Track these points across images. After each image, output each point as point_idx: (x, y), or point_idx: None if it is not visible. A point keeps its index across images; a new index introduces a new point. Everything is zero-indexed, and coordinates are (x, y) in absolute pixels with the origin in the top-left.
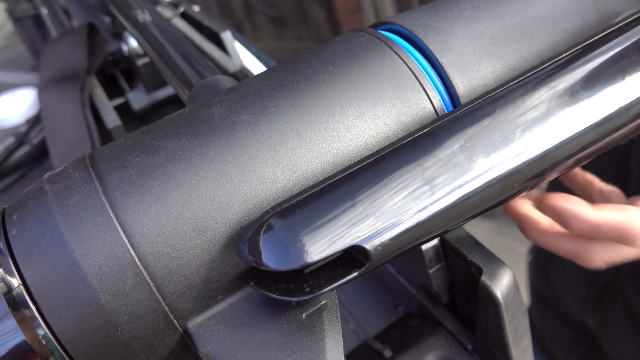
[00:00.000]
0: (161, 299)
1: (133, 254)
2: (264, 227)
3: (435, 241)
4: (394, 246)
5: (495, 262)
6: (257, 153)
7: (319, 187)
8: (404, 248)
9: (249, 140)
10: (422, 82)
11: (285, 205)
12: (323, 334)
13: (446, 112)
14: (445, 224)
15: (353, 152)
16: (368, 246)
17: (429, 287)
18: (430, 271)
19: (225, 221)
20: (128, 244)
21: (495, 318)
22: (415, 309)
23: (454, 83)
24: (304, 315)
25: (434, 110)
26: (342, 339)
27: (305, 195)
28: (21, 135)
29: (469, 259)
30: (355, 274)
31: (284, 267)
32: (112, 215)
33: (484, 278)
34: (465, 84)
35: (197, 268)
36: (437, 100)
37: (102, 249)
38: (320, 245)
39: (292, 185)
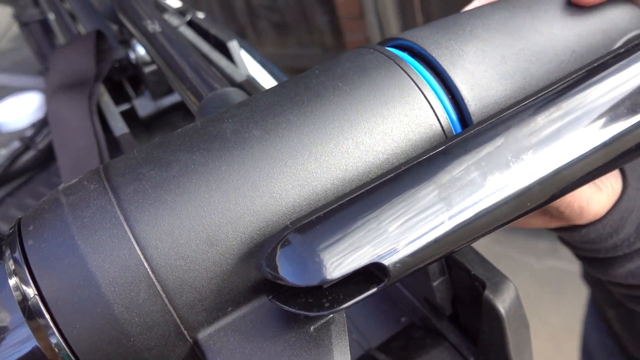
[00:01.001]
0: (173, 311)
1: (147, 266)
2: (284, 242)
3: None
4: (412, 263)
5: (499, 276)
6: (268, 168)
7: (339, 203)
8: (422, 264)
9: (260, 155)
10: (429, 99)
11: (305, 221)
12: (331, 348)
13: (454, 130)
14: (462, 240)
15: (362, 168)
16: (387, 263)
17: (432, 299)
18: (434, 284)
19: (236, 235)
20: (142, 257)
21: (497, 332)
22: (418, 321)
23: (465, 101)
24: (312, 328)
25: (441, 128)
26: (349, 353)
27: (325, 211)
28: (27, 140)
29: (472, 272)
30: (374, 289)
31: (304, 282)
32: (126, 228)
33: (487, 292)
34: (477, 103)
35: (208, 280)
36: (444, 119)
37: (117, 261)
38: (341, 262)
39: (302, 200)
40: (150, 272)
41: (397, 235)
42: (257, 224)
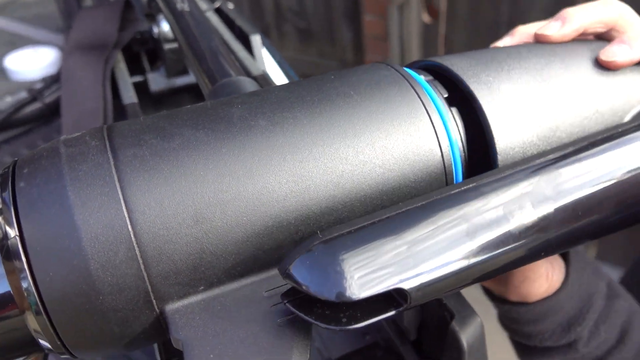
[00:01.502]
0: (146, 278)
1: (130, 229)
2: (314, 251)
3: None
4: (432, 292)
5: (468, 310)
6: (267, 158)
7: (372, 221)
8: (440, 294)
9: (262, 144)
10: (435, 124)
11: (336, 234)
12: (292, 344)
13: (452, 155)
14: (482, 276)
15: (357, 177)
16: (409, 289)
17: (399, 321)
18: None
19: (223, 216)
20: (127, 219)
21: None
22: (381, 341)
23: (495, 139)
24: (278, 320)
25: (440, 155)
26: (309, 353)
27: (356, 227)
28: (35, 92)
29: (443, 302)
30: (392, 312)
31: (328, 297)
32: (118, 188)
33: (454, 323)
34: (506, 142)
35: (186, 255)
36: (445, 146)
37: (102, 219)
38: (368, 284)
39: (293, 195)
40: (132, 236)
41: (422, 263)
42: (245, 210)
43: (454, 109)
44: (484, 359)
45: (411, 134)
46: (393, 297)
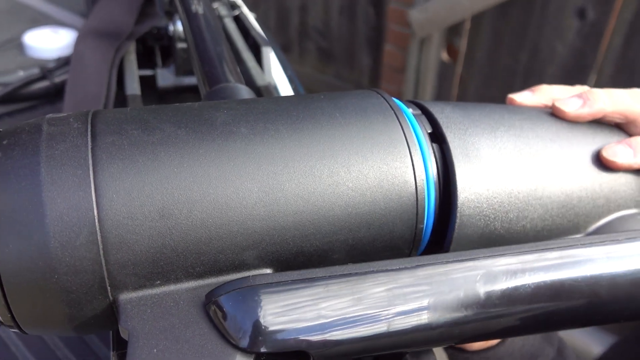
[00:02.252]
0: (104, 264)
1: (95, 213)
2: (238, 294)
3: None
4: (333, 355)
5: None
6: (241, 165)
7: (300, 278)
8: (343, 358)
9: (239, 151)
10: (413, 159)
11: (265, 282)
12: (237, 353)
13: (426, 190)
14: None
15: (329, 197)
16: (314, 354)
17: None
18: None
19: (188, 215)
20: (94, 203)
21: None
22: None
23: (459, 190)
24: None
25: (414, 188)
26: None
27: (288, 280)
28: (46, 70)
29: None
30: None
31: (240, 344)
32: (91, 172)
33: (408, 356)
34: (467, 196)
35: (147, 248)
36: (420, 181)
37: (70, 199)
38: (277, 343)
39: (261, 205)
40: (96, 220)
41: (334, 334)
42: (211, 212)
43: (435, 146)
44: None
45: (388, 163)
46: (299, 355)
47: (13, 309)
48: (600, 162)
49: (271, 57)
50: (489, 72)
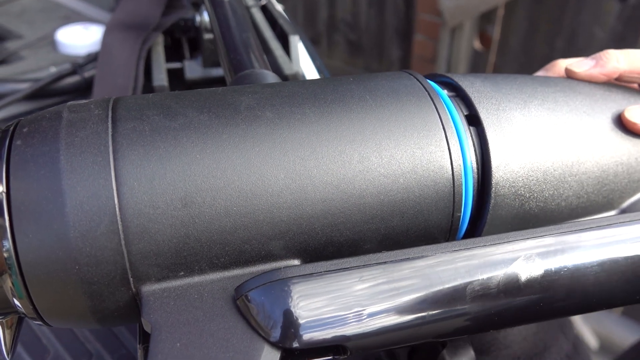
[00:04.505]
0: (126, 254)
1: (116, 202)
2: (271, 288)
3: None
4: (371, 347)
5: (462, 341)
6: (267, 151)
7: (330, 269)
8: (379, 349)
9: (264, 136)
10: (450, 142)
11: (296, 274)
12: (263, 348)
13: (464, 176)
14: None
15: (359, 183)
16: (351, 346)
17: None
18: None
19: (212, 203)
20: (115, 191)
21: None
22: None
23: (493, 169)
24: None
25: (451, 175)
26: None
27: (320, 272)
28: (76, 65)
29: None
30: (330, 357)
31: (271, 338)
32: (111, 159)
33: (444, 352)
34: (502, 175)
35: (170, 238)
36: (458, 166)
37: (90, 187)
38: (311, 338)
39: (288, 192)
40: (117, 209)
41: (368, 324)
42: (236, 200)
43: (473, 129)
44: None
45: (422, 148)
46: (334, 348)
47: (35, 300)
48: (623, 131)
49: (299, 47)
50: (524, 60)
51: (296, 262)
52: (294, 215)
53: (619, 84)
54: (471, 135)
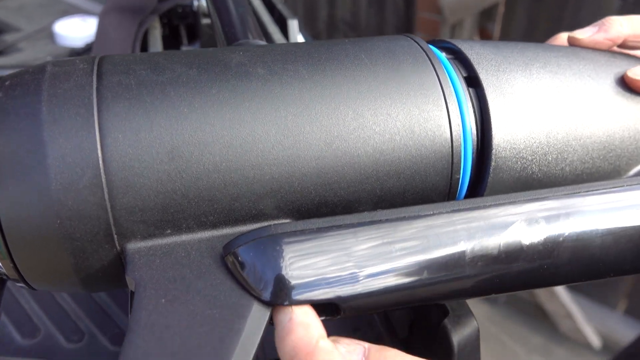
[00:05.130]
0: (109, 208)
1: (100, 154)
2: (262, 245)
3: None
4: (365, 308)
5: (464, 310)
6: (258, 106)
7: (323, 226)
8: (374, 310)
9: (255, 92)
10: (448, 102)
11: (289, 231)
12: (251, 306)
13: (463, 141)
14: (427, 299)
15: (353, 141)
16: (344, 306)
17: (391, 316)
18: None
19: (200, 158)
20: (99, 144)
21: None
22: (372, 337)
23: (494, 130)
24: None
25: (449, 134)
26: (266, 320)
27: (310, 228)
28: (74, 53)
29: None
30: (322, 318)
31: (262, 296)
32: (95, 111)
33: (446, 321)
34: (503, 136)
35: (156, 193)
36: (456, 126)
37: (73, 139)
38: (303, 294)
39: (280, 149)
40: (100, 161)
41: (362, 284)
42: (225, 155)
43: (472, 90)
44: None
45: (419, 107)
46: (326, 307)
47: (16, 259)
48: (628, 86)
49: (298, 32)
50: None
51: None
52: (285, 172)
53: (623, 51)
54: (470, 97)
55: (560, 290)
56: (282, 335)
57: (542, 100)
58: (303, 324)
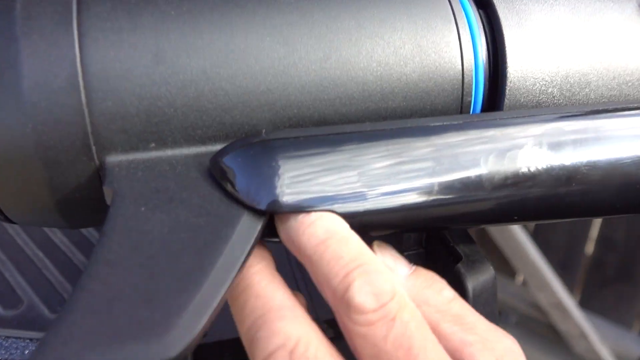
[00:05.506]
0: (87, 114)
1: (77, 53)
2: (252, 149)
3: None
4: (370, 224)
5: (479, 255)
6: (252, 11)
7: (327, 133)
8: (381, 230)
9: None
10: (461, 35)
11: (283, 136)
12: (242, 216)
13: (474, 81)
14: (436, 220)
15: (354, 51)
16: (345, 215)
17: None
18: (405, 254)
19: (188, 62)
20: (77, 42)
21: None
22: None
23: (508, 68)
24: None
25: (461, 71)
26: (258, 229)
27: (308, 135)
28: None
29: (450, 244)
30: None
31: (253, 204)
32: (74, 9)
33: (459, 265)
34: (518, 53)
35: (139, 99)
36: (469, 61)
37: (48, 37)
38: (301, 202)
39: (275, 57)
40: (78, 61)
41: (365, 194)
42: (216, 60)
43: (482, 12)
44: (493, 316)
45: (426, 19)
46: None
47: None
48: None
49: None
50: None
51: None
52: (282, 83)
53: None
54: (479, 12)
55: (574, 310)
56: (303, 228)
57: (562, 18)
58: (327, 213)
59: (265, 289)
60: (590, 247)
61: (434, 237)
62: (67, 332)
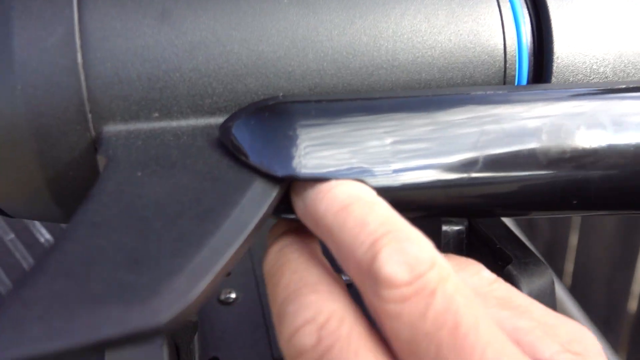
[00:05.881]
0: (83, 76)
1: (75, 7)
2: (267, 112)
3: (460, 225)
4: (400, 200)
5: (532, 257)
6: None
7: (354, 97)
8: (413, 211)
9: None
10: (503, 16)
11: (302, 99)
12: (252, 184)
13: (518, 52)
14: (481, 202)
15: (386, 25)
16: (374, 187)
17: None
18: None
19: (197, 22)
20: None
21: None
22: None
23: (554, 41)
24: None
25: (502, 41)
26: (270, 201)
27: (331, 99)
28: None
29: (497, 245)
30: None
31: (270, 171)
32: None
33: (511, 267)
34: (565, 48)
35: (142, 61)
36: (511, 45)
37: None
38: (323, 167)
39: (298, 25)
40: (75, 17)
41: (400, 163)
42: (228, 20)
43: None
44: None
45: (474, 19)
46: None
47: None
48: None
49: None
50: None
51: None
52: (301, 48)
53: None
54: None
55: None
56: (322, 194)
57: (603, 17)
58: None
59: (303, 265)
60: (633, 305)
61: (477, 240)
62: (31, 294)
